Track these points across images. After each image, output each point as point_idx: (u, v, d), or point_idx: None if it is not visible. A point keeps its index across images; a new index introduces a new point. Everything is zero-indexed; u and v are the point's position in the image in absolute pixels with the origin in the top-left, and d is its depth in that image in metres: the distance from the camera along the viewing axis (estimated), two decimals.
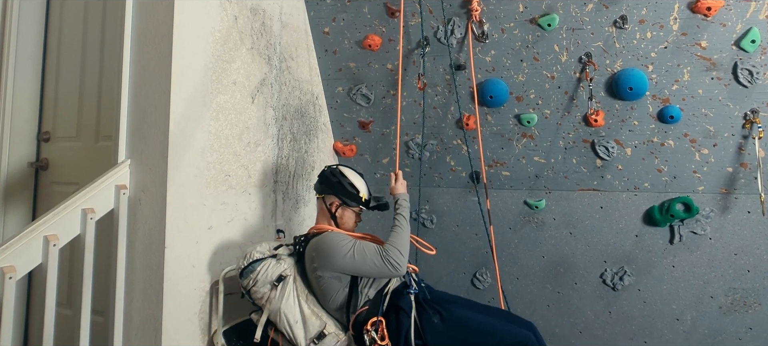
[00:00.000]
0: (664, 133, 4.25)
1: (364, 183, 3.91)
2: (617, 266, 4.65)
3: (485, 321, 3.41)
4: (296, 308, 3.53)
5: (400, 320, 3.36)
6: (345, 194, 3.80)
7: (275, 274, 3.57)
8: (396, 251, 3.39)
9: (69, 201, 3.35)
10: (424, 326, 3.34)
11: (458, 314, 3.40)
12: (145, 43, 3.73)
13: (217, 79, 3.93)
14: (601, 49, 4.20)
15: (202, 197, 3.79)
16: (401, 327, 3.33)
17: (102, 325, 3.69)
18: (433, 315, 3.38)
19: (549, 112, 4.50)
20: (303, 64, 4.94)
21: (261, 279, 3.55)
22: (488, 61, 4.53)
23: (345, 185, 3.81)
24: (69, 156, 4.52)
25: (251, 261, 3.58)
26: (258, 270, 3.56)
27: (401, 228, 3.56)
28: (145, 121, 3.68)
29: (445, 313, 3.39)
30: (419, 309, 3.41)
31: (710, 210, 4.30)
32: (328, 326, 3.49)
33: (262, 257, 3.61)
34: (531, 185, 4.79)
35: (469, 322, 3.37)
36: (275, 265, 3.60)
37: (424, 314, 3.39)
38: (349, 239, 3.50)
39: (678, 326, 4.56)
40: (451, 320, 3.36)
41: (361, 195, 3.83)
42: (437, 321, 3.36)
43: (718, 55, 3.95)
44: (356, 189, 3.82)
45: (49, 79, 4.72)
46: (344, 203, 3.80)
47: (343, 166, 3.94)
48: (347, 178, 3.85)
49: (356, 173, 3.94)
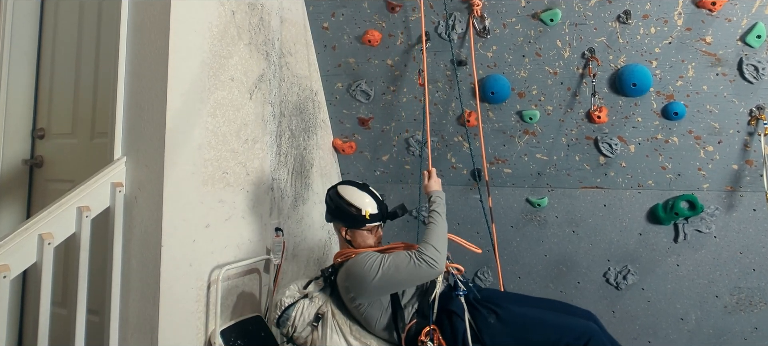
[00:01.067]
0: (669, 130, 4.25)
1: (367, 196, 3.67)
2: (621, 265, 4.65)
3: (544, 316, 3.34)
4: (343, 342, 3.44)
5: (454, 324, 3.29)
6: (347, 217, 3.63)
7: (312, 314, 3.51)
8: (430, 248, 3.24)
9: (64, 199, 3.35)
10: (480, 327, 3.27)
11: (515, 311, 3.32)
12: (141, 38, 3.73)
13: (215, 75, 3.92)
14: (604, 44, 4.20)
15: (199, 194, 3.79)
16: (456, 332, 3.26)
17: (97, 325, 3.70)
18: (489, 315, 3.30)
19: (551, 109, 4.50)
20: (302, 59, 4.94)
21: (300, 324, 3.50)
22: (490, 56, 4.53)
23: (343, 207, 3.64)
24: (64, 153, 4.52)
25: (284, 308, 3.52)
26: (293, 316, 3.50)
27: (436, 224, 3.43)
28: (142, 118, 3.68)
29: (501, 312, 3.31)
30: (472, 311, 3.34)
31: (715, 208, 4.30)
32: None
33: (294, 302, 3.54)
34: (533, 183, 4.79)
35: (527, 318, 3.30)
36: (309, 305, 3.54)
37: (478, 315, 3.32)
38: (376, 256, 3.33)
39: (682, 326, 4.56)
40: (508, 319, 3.29)
41: (365, 213, 3.59)
42: (494, 321, 3.28)
43: (724, 50, 3.95)
44: (357, 208, 3.61)
45: (43, 75, 4.72)
46: (349, 226, 3.65)
47: (341, 186, 3.76)
48: (345, 199, 3.66)
49: (357, 189, 3.72)
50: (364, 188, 3.72)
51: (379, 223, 3.67)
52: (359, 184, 3.76)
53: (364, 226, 3.60)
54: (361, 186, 3.73)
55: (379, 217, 3.64)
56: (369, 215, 3.59)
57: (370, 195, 3.68)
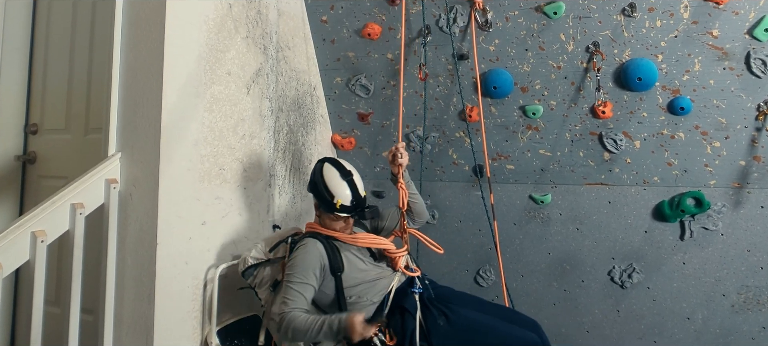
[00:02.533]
0: (675, 126, 4.25)
1: (345, 186, 3.63)
2: (626, 263, 4.65)
3: (491, 323, 3.39)
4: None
5: (405, 321, 3.35)
6: (321, 198, 3.67)
7: (271, 279, 3.64)
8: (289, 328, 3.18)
9: (57, 196, 3.36)
10: (429, 328, 3.32)
11: (464, 316, 3.37)
12: (136, 32, 3.73)
13: (211, 69, 3.93)
14: (609, 38, 4.20)
15: (195, 191, 3.79)
16: (406, 329, 3.32)
17: (91, 324, 3.69)
18: (439, 316, 3.35)
19: (555, 104, 4.50)
20: (300, 53, 4.94)
21: (259, 283, 3.64)
22: (492, 50, 4.52)
23: (320, 187, 3.65)
24: (57, 149, 4.53)
25: (246, 268, 3.64)
26: (255, 275, 3.63)
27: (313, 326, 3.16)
28: (137, 113, 3.68)
29: (451, 314, 3.36)
30: (424, 310, 3.39)
31: (722, 205, 4.30)
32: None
33: (256, 263, 3.64)
34: (536, 179, 4.79)
35: (474, 324, 3.35)
36: (270, 270, 3.65)
37: (429, 315, 3.36)
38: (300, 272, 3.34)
39: (689, 325, 4.56)
40: (457, 322, 3.33)
41: (336, 202, 3.58)
42: (443, 323, 3.32)
43: (731, 44, 3.95)
44: (331, 194, 3.61)
45: (36, 70, 4.72)
46: (321, 207, 3.70)
47: (328, 164, 3.74)
48: (324, 180, 3.65)
49: (340, 173, 3.68)
50: (346, 176, 3.68)
51: (348, 215, 3.66)
52: (345, 170, 3.71)
53: (331, 214, 3.63)
54: (344, 173, 3.69)
55: (350, 211, 3.62)
56: (340, 205, 3.58)
57: (350, 186, 3.64)
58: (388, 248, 3.65)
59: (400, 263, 3.60)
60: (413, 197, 3.89)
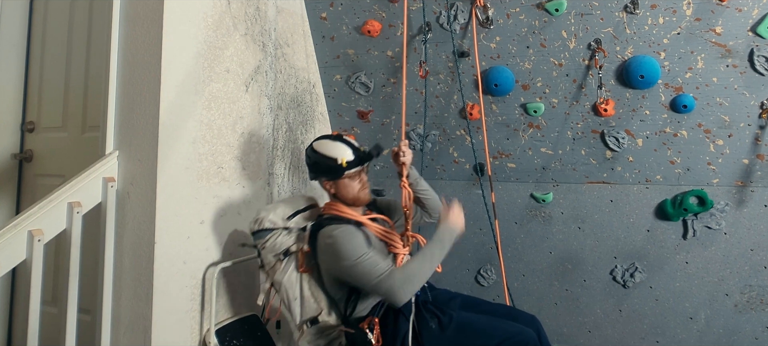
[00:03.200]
0: (677, 124, 4.25)
1: (341, 145, 3.65)
2: (628, 263, 4.66)
3: (485, 322, 3.39)
4: (297, 285, 3.57)
5: (398, 323, 3.35)
6: (326, 170, 3.63)
7: (283, 247, 3.60)
8: (404, 278, 3.22)
9: (54, 194, 3.36)
10: (421, 331, 3.32)
11: (457, 318, 3.37)
12: (133, 29, 3.73)
13: (210, 66, 3.92)
14: (611, 35, 4.20)
15: (193, 189, 3.80)
16: (398, 331, 3.33)
17: (89, 324, 3.71)
18: (431, 319, 3.35)
19: (557, 102, 4.50)
20: (299, 51, 4.94)
21: (269, 247, 3.59)
22: (493, 47, 4.53)
23: (321, 161, 3.63)
24: (54, 147, 4.53)
25: (260, 229, 3.59)
26: (267, 238, 3.59)
27: (426, 256, 3.37)
28: (134, 111, 3.68)
29: (443, 318, 3.36)
30: (418, 313, 3.39)
31: (725, 204, 4.30)
32: (323, 314, 3.52)
33: (273, 228, 3.60)
34: (538, 178, 4.80)
35: (468, 325, 3.36)
36: (284, 237, 3.62)
37: (422, 318, 3.37)
38: (362, 246, 3.34)
39: (691, 325, 4.56)
40: (449, 325, 3.34)
41: (340, 161, 3.57)
42: (435, 326, 3.33)
43: (734, 41, 3.95)
44: (331, 158, 3.59)
45: (33, 67, 4.72)
46: (330, 178, 3.65)
47: (316, 141, 3.74)
48: (320, 152, 3.65)
49: (329, 140, 3.71)
50: (337, 138, 3.72)
51: (359, 168, 3.65)
52: (332, 135, 3.78)
53: (344, 175, 3.59)
54: (334, 137, 3.74)
55: (357, 162, 3.62)
56: (346, 162, 3.57)
57: (345, 143, 3.67)
58: (394, 245, 3.65)
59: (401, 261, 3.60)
60: (425, 193, 3.87)
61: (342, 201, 3.66)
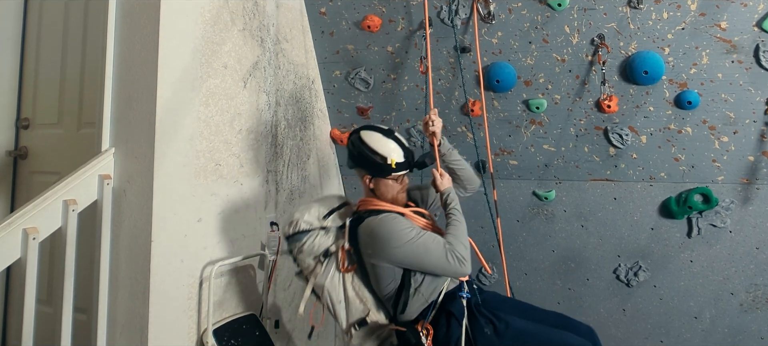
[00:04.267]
0: (682, 120, 4.25)
1: (392, 142, 3.56)
2: (632, 261, 4.66)
3: (543, 332, 3.33)
4: (340, 287, 3.51)
5: (451, 327, 3.29)
6: (371, 166, 3.55)
7: (322, 248, 3.54)
8: (461, 246, 3.27)
9: (49, 192, 3.36)
10: (476, 336, 3.27)
11: (513, 326, 3.30)
12: (130, 24, 3.73)
13: (207, 62, 3.93)
14: (614, 30, 4.20)
15: (190, 187, 3.80)
16: (451, 335, 3.27)
17: (84, 323, 3.70)
18: (486, 325, 3.29)
19: (559, 98, 4.50)
20: (298, 46, 4.94)
21: (307, 250, 3.54)
22: (495, 43, 4.52)
23: (367, 154, 3.54)
24: (49, 144, 4.53)
25: (297, 231, 3.54)
26: (304, 241, 3.53)
27: (460, 223, 3.42)
28: (131, 108, 3.68)
29: (499, 324, 3.30)
30: (471, 317, 3.33)
31: (730, 201, 4.30)
32: (371, 315, 3.46)
33: (310, 229, 3.54)
34: (540, 175, 4.80)
35: (525, 333, 3.29)
36: (323, 237, 3.56)
37: (476, 322, 3.31)
38: (413, 227, 3.37)
39: (696, 325, 4.57)
40: (504, 332, 3.27)
41: (390, 161, 3.49)
42: (490, 332, 3.27)
43: (739, 36, 3.94)
44: (381, 156, 3.51)
45: (28, 63, 4.72)
46: (374, 175, 3.59)
47: (364, 131, 3.63)
48: (368, 145, 3.54)
49: (381, 134, 3.59)
50: (389, 134, 3.61)
51: (406, 172, 3.61)
52: (384, 129, 3.64)
53: (390, 175, 3.54)
54: (386, 132, 3.62)
55: (406, 166, 3.56)
56: (395, 164, 3.51)
57: (396, 141, 3.58)
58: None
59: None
60: (458, 164, 3.84)
61: (378, 198, 3.61)
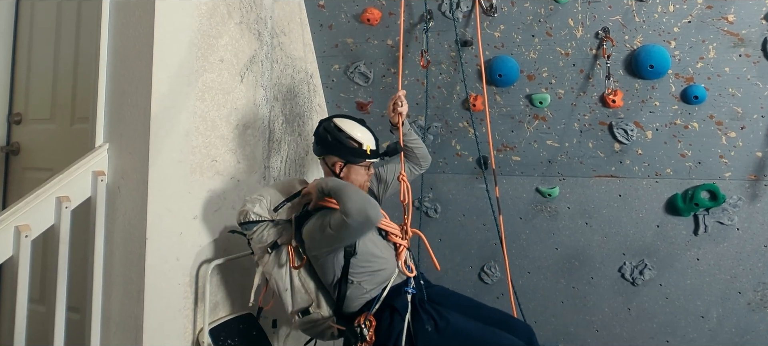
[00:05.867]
0: (688, 115, 4.25)
1: (367, 132, 3.75)
2: (637, 259, 4.66)
3: (480, 331, 3.41)
4: (286, 276, 3.56)
5: (394, 322, 3.36)
6: (346, 151, 3.67)
7: (269, 239, 3.58)
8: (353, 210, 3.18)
9: (42, 189, 3.37)
10: (416, 332, 3.33)
11: (453, 323, 3.38)
12: (124, 17, 3.73)
13: (203, 56, 3.93)
14: (619, 23, 4.20)
15: (186, 184, 3.80)
16: (393, 329, 3.34)
17: (78, 323, 3.71)
18: (427, 321, 3.35)
19: (563, 92, 4.50)
20: (296, 40, 4.94)
21: (256, 239, 3.59)
22: (497, 36, 4.52)
23: (343, 140, 3.67)
24: (42, 140, 4.53)
25: (246, 221, 3.58)
26: (254, 230, 3.58)
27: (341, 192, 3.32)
28: (125, 102, 3.68)
29: (440, 321, 3.37)
30: (414, 312, 3.38)
31: (738, 198, 4.30)
32: (314, 306, 3.54)
33: (259, 220, 3.58)
34: (543, 171, 4.80)
35: (463, 332, 3.37)
36: (271, 229, 3.60)
37: (418, 318, 3.37)
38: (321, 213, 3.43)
39: (703, 324, 4.57)
40: (445, 330, 3.35)
41: (365, 147, 3.68)
42: (431, 329, 3.33)
43: (747, 30, 3.94)
44: (357, 142, 3.67)
45: (20, 56, 4.72)
46: (348, 161, 3.70)
47: (338, 119, 3.79)
48: (344, 131, 3.69)
49: (355, 122, 3.78)
50: (362, 123, 3.82)
51: (376, 159, 3.78)
52: (358, 119, 3.85)
53: (363, 160, 3.70)
54: (359, 120, 3.83)
55: (376, 155, 3.75)
56: (370, 150, 3.70)
57: (369, 130, 3.79)
58: (394, 233, 3.60)
59: (402, 256, 3.55)
60: (416, 142, 4.01)
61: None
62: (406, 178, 3.68)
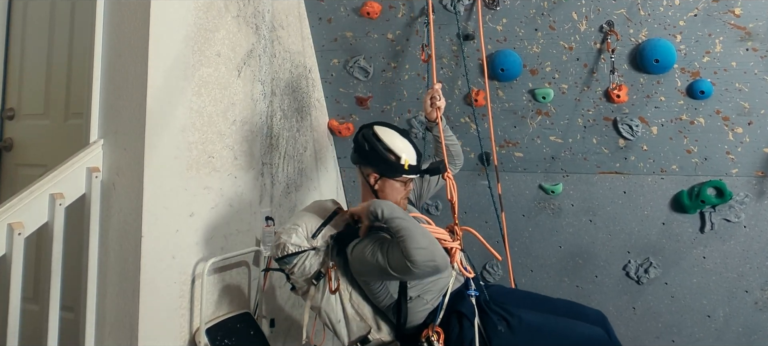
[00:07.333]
0: (694, 110, 4.25)
1: (408, 144, 3.51)
2: (642, 258, 4.66)
3: (555, 323, 3.34)
4: (338, 306, 3.40)
5: (463, 328, 3.24)
6: (382, 164, 3.48)
7: (313, 269, 3.41)
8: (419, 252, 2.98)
9: (35, 185, 3.36)
10: (489, 335, 3.23)
11: (525, 319, 3.28)
12: (119, 11, 3.73)
13: (200, 50, 3.93)
14: (624, 16, 4.20)
15: (182, 180, 3.80)
16: (464, 337, 3.22)
17: (72, 322, 3.71)
18: (499, 322, 3.26)
19: (566, 87, 4.50)
20: (295, 33, 4.94)
21: (298, 272, 3.41)
22: (499, 30, 4.52)
23: (380, 150, 3.46)
24: (35, 135, 4.53)
25: (285, 255, 3.39)
26: (295, 263, 3.40)
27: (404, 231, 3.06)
28: (120, 97, 3.68)
29: (511, 320, 3.27)
30: (482, 315, 3.29)
31: (745, 195, 4.30)
32: (373, 332, 3.38)
33: (299, 251, 3.39)
34: (546, 168, 4.80)
35: (537, 327, 3.29)
36: (313, 258, 3.42)
37: (488, 320, 3.27)
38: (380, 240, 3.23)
39: (709, 324, 4.57)
40: (519, 328, 3.25)
41: (404, 161, 3.44)
42: (504, 329, 3.23)
43: (754, 23, 3.93)
44: (396, 155, 3.44)
45: (13, 50, 4.72)
46: (383, 174, 3.50)
47: (379, 127, 3.56)
48: (383, 142, 3.47)
49: (397, 133, 3.55)
50: (405, 135, 3.57)
51: (415, 177, 3.57)
52: (400, 129, 3.60)
53: (400, 176, 3.48)
54: (402, 131, 3.58)
55: (417, 170, 3.52)
56: (408, 166, 3.45)
57: (412, 144, 3.54)
58: (443, 239, 3.36)
59: (456, 257, 3.36)
60: (451, 139, 3.90)
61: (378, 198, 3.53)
62: (451, 175, 3.60)
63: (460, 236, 3.47)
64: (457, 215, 3.52)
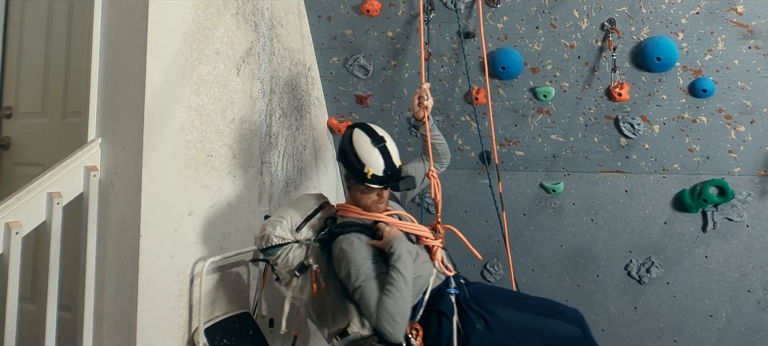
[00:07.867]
0: (696, 109, 4.25)
1: (378, 154, 3.47)
2: (644, 257, 4.66)
3: (532, 322, 3.40)
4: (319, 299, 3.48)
5: (442, 326, 3.30)
6: (350, 167, 3.54)
7: (296, 262, 3.50)
8: (388, 318, 3.07)
9: (33, 184, 3.37)
10: (467, 332, 3.29)
11: (504, 318, 3.34)
12: (118, 8, 3.73)
13: (198, 48, 3.93)
14: (625, 14, 4.20)
15: (181, 179, 3.80)
16: (442, 334, 3.28)
17: (70, 321, 3.71)
18: (477, 320, 3.31)
19: (568, 85, 4.50)
20: (294, 31, 4.94)
21: (281, 264, 3.50)
22: (500, 28, 4.52)
23: (349, 155, 3.52)
24: (33, 134, 4.53)
25: (269, 246, 3.48)
26: (278, 254, 3.48)
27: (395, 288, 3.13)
28: (118, 96, 3.69)
29: (489, 318, 3.32)
30: (461, 312, 3.34)
31: (747, 194, 4.30)
32: (352, 326, 3.40)
33: (282, 243, 3.47)
34: (548, 167, 4.80)
35: (514, 325, 3.34)
36: (297, 251, 3.51)
37: (466, 318, 3.32)
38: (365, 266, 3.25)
39: (711, 324, 4.57)
40: (496, 326, 3.30)
41: (367, 171, 3.43)
42: (482, 327, 3.29)
43: (756, 21, 3.93)
44: (361, 162, 3.46)
45: (10, 48, 4.72)
46: (351, 177, 3.57)
47: (358, 130, 3.59)
48: (353, 146, 3.51)
49: (372, 141, 3.52)
50: (378, 142, 3.52)
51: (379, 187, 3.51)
52: (377, 136, 3.56)
53: (362, 184, 3.49)
54: (376, 139, 3.54)
55: (382, 182, 3.48)
56: (371, 175, 3.44)
57: (383, 153, 3.50)
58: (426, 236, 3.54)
59: (437, 255, 3.45)
60: (438, 139, 3.94)
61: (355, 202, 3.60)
62: (436, 174, 3.68)
63: (442, 234, 3.58)
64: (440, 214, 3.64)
